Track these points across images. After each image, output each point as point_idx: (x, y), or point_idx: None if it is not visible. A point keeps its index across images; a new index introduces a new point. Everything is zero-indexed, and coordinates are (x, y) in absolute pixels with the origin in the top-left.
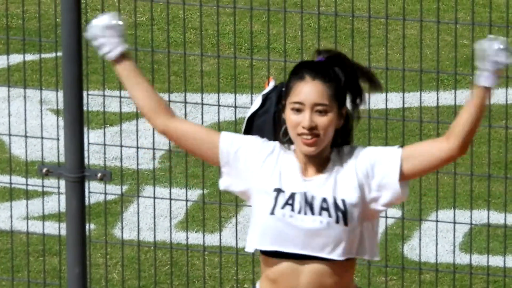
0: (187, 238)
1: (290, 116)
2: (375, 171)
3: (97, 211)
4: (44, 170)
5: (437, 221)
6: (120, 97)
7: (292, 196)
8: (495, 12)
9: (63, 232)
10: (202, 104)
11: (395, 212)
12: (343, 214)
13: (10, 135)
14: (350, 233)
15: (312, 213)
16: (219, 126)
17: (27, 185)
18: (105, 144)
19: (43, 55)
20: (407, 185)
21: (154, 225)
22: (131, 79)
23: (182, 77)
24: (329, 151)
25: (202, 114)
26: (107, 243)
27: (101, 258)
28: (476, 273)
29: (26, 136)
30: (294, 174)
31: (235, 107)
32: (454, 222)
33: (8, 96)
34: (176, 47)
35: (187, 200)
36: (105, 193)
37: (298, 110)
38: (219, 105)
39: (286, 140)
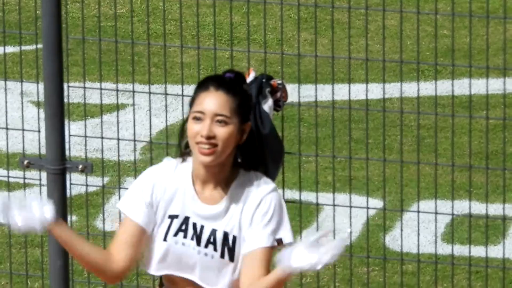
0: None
1: (190, 126)
2: (246, 228)
3: (78, 202)
4: (26, 162)
5: (418, 211)
6: (101, 89)
7: (186, 220)
8: (476, 2)
9: None
10: (183, 95)
11: (377, 203)
12: (229, 250)
13: None
14: (233, 270)
15: (198, 244)
16: None
17: (8, 177)
18: (86, 136)
19: (23, 47)
20: None
21: None
22: (75, 239)
23: (162, 68)
24: (229, 171)
25: (182, 106)
26: (89, 235)
27: None
28: (458, 263)
29: (7, 128)
30: (189, 197)
31: None
32: (436, 213)
33: None
34: (156, 38)
35: None
36: (87, 185)
37: (199, 119)
38: None
39: (186, 152)
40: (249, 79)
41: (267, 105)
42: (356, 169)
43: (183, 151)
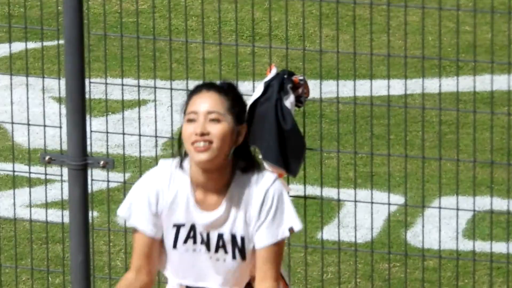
0: None
1: (185, 128)
2: (254, 226)
3: (99, 198)
4: (47, 158)
5: (440, 207)
6: (122, 84)
7: (193, 227)
8: None
9: (66, 219)
10: None
11: (398, 199)
12: (240, 250)
13: (12, 123)
14: (247, 266)
15: (208, 250)
16: None
17: (30, 173)
18: (107, 132)
19: (45, 43)
20: None
21: None
22: None
23: (184, 64)
24: (229, 175)
25: None
26: (110, 231)
27: (104, 245)
28: (479, 259)
29: (28, 124)
30: (191, 206)
31: None
32: (457, 209)
33: (11, 84)
34: (177, 34)
35: None
36: (108, 181)
37: (192, 120)
38: None
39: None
40: (270, 75)
41: (289, 101)
42: (378, 165)
43: (181, 156)
